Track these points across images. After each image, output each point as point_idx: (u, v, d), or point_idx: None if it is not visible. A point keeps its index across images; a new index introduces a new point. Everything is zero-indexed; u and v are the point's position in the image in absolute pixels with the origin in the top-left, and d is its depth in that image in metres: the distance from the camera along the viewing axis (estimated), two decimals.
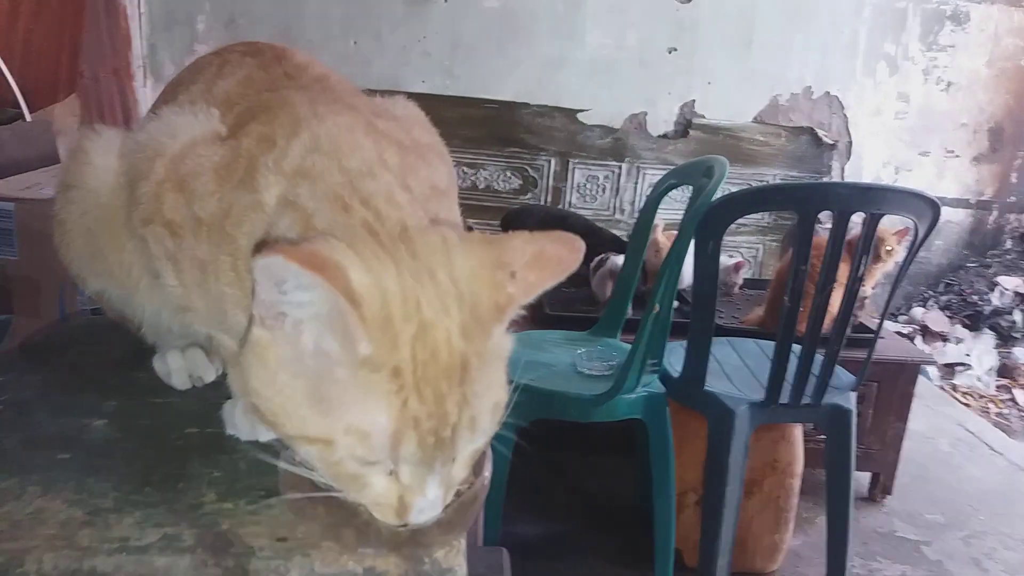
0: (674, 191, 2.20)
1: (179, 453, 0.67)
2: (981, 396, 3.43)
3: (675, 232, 1.85)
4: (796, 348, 1.78)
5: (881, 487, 2.44)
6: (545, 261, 0.56)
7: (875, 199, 1.70)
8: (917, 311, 3.77)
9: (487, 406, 0.54)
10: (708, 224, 1.72)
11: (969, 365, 3.51)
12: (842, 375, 1.98)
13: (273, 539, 0.55)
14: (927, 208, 1.70)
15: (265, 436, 0.68)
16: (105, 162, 0.77)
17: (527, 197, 3.49)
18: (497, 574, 1.10)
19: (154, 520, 0.57)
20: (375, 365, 0.50)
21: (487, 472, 0.58)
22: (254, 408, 0.57)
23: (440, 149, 0.80)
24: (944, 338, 3.60)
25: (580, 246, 0.58)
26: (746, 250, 3.59)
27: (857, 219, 1.68)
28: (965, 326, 3.64)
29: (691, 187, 1.94)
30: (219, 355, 0.76)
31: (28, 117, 1.99)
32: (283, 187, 0.61)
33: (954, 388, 3.43)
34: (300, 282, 0.50)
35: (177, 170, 0.67)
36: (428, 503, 0.53)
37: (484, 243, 0.57)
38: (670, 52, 3.50)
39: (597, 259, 2.52)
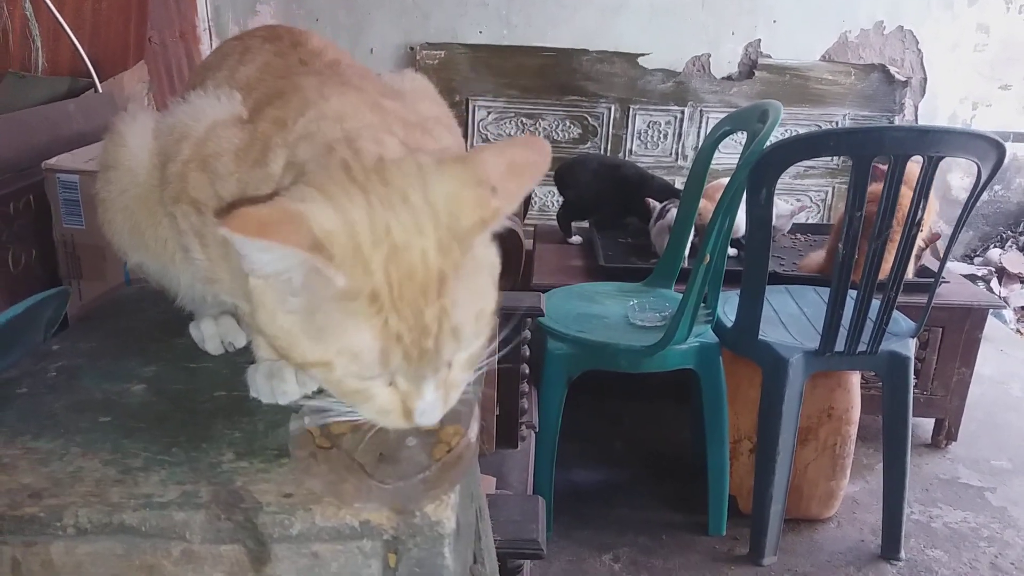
0: (734, 136, 2.17)
1: (206, 416, 0.72)
2: None
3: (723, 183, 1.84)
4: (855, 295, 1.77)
5: (945, 433, 2.40)
6: (519, 169, 0.58)
7: (934, 142, 1.65)
8: (994, 252, 3.63)
9: (469, 315, 0.57)
10: (760, 171, 1.70)
11: None
12: (901, 321, 1.95)
13: (280, 495, 0.60)
14: (990, 149, 1.65)
15: (283, 399, 0.74)
16: (140, 143, 0.82)
17: (587, 146, 3.47)
18: (532, 521, 1.15)
19: (176, 478, 0.62)
20: (352, 293, 0.55)
21: (473, 432, 0.61)
22: (269, 344, 0.62)
23: (448, 121, 0.82)
24: (1022, 280, 3.46)
25: (546, 147, 0.59)
26: (815, 193, 3.51)
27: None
28: None
29: (746, 133, 1.91)
30: (245, 321, 0.81)
31: (99, 87, 2.07)
32: (287, 154, 0.66)
33: None
34: (259, 247, 0.54)
35: (201, 151, 0.72)
36: (428, 405, 0.58)
37: (459, 164, 0.59)
38: None
39: (658, 210, 2.51)
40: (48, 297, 0.90)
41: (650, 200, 2.55)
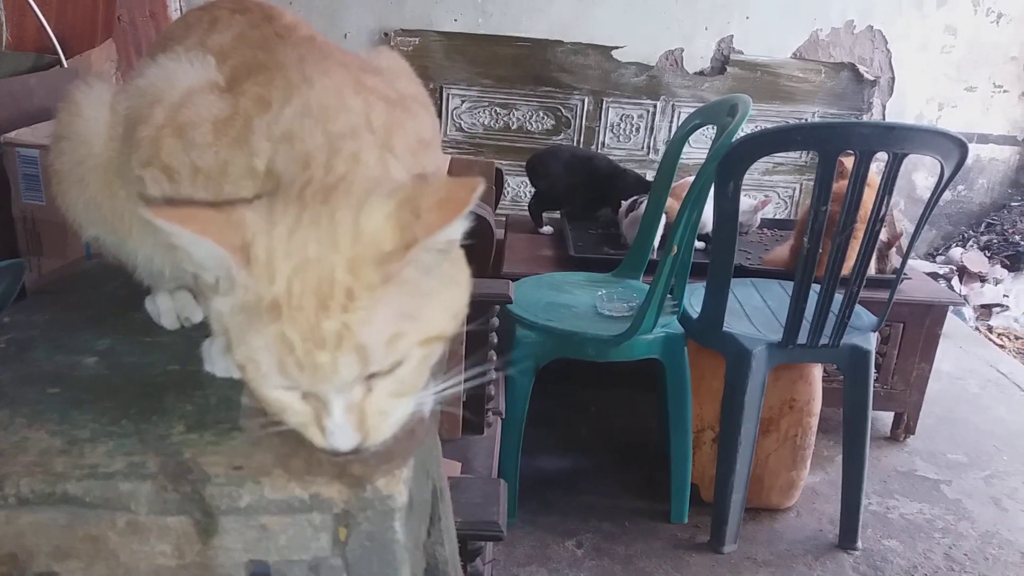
0: (704, 131, 2.18)
1: (158, 389, 0.72)
2: (1017, 338, 3.37)
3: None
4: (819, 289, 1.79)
5: (904, 427, 2.44)
6: (446, 202, 0.57)
7: (898, 138, 1.67)
8: (956, 251, 3.69)
9: (380, 336, 0.56)
10: (728, 165, 1.71)
11: (1007, 306, 3.43)
12: (864, 316, 1.97)
13: (230, 467, 0.60)
14: (954, 147, 1.67)
15: (238, 373, 0.73)
16: (96, 114, 0.81)
17: (560, 137, 3.48)
18: (492, 504, 1.15)
19: (124, 449, 0.62)
20: (256, 300, 0.55)
21: (426, 408, 0.61)
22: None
23: (424, 100, 0.82)
24: (982, 279, 3.53)
25: (475, 187, 0.58)
26: (782, 189, 3.54)
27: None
28: (1005, 266, 3.55)
29: (716, 126, 1.92)
30: (203, 295, 0.80)
31: (65, 63, 2.03)
32: (270, 154, 0.65)
33: (990, 329, 3.37)
34: (178, 235, 0.56)
35: (176, 118, 0.71)
36: (337, 426, 0.57)
37: (410, 189, 0.59)
38: None
39: (629, 202, 2.52)
40: (0, 269, 0.89)
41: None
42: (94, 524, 0.58)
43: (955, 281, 3.55)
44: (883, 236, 2.21)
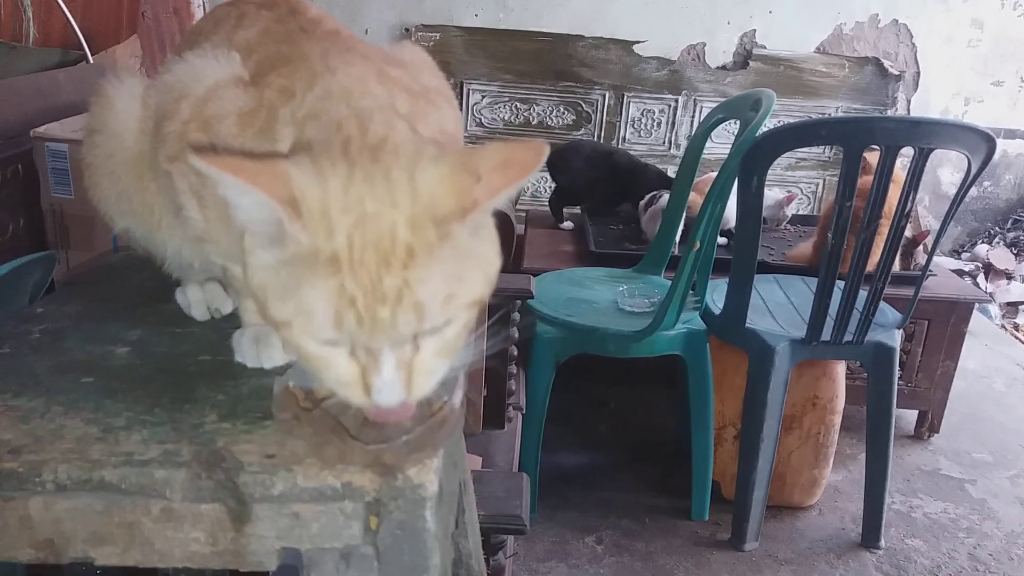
0: (726, 126, 2.17)
1: (190, 378, 0.73)
2: None
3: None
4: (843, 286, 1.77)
5: (928, 425, 2.42)
6: (510, 165, 0.58)
7: (925, 133, 1.66)
8: (981, 248, 3.65)
9: (437, 295, 0.56)
10: (751, 159, 1.70)
11: None
12: (888, 313, 1.96)
13: (263, 456, 0.60)
14: (981, 142, 1.65)
15: (269, 363, 0.74)
16: (127, 108, 0.82)
17: (580, 133, 3.47)
18: (515, 497, 1.15)
19: (158, 437, 0.63)
20: (313, 253, 0.55)
21: (457, 397, 0.61)
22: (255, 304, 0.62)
23: (447, 93, 0.82)
24: (1009, 276, 3.49)
25: (543, 149, 0.59)
26: (805, 185, 3.52)
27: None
28: None
29: (739, 121, 1.91)
30: (232, 286, 0.81)
31: (91, 59, 2.05)
32: (295, 133, 0.65)
33: (1016, 327, 3.33)
34: (235, 186, 0.55)
35: (201, 112, 0.72)
36: (385, 383, 0.57)
37: (459, 153, 0.59)
38: None
39: (648, 196, 2.51)
40: (32, 261, 0.90)
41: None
42: (129, 510, 0.59)
43: (981, 278, 3.51)
44: (908, 232, 2.19)
